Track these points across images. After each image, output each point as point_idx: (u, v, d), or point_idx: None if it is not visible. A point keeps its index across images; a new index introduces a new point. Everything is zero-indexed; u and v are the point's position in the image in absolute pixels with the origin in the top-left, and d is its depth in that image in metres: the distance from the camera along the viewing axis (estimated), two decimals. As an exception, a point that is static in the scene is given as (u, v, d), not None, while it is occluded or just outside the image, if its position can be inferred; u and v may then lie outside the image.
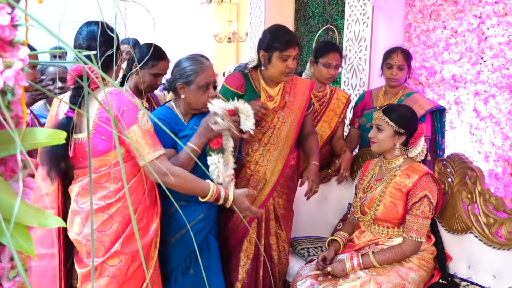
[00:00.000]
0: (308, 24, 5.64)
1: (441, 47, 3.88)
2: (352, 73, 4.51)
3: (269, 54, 2.73)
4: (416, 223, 2.47)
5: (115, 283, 2.10)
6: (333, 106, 3.33)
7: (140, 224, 2.15)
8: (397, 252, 2.47)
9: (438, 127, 3.26)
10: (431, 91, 3.96)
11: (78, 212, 2.11)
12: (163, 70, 2.88)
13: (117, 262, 2.09)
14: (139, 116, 2.01)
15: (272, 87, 2.87)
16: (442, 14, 3.85)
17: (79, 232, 2.10)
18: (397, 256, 2.47)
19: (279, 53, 2.70)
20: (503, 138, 3.45)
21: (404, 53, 3.28)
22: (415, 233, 2.47)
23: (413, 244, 2.47)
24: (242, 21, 7.30)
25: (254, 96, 2.82)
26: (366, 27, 4.32)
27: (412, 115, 2.60)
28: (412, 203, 2.48)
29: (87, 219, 2.09)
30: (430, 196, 2.48)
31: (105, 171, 2.06)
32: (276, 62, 2.72)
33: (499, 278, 2.47)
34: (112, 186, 2.07)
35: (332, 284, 2.40)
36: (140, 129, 2.00)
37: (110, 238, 2.08)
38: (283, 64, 2.71)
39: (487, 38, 3.54)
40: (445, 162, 2.80)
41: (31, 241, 0.66)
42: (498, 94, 3.47)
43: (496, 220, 2.54)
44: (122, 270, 2.10)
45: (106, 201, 2.07)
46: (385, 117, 2.54)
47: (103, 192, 2.07)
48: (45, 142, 0.66)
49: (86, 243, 2.09)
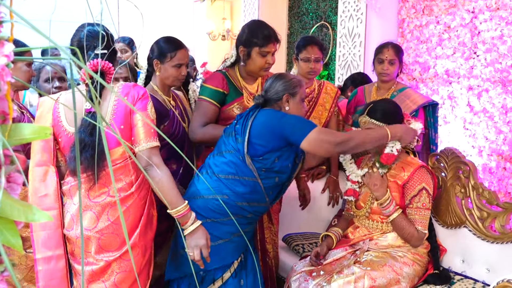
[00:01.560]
0: (301, 21, 5.64)
1: (434, 42, 3.89)
2: (346, 69, 4.51)
3: (249, 50, 2.73)
4: (418, 215, 2.49)
5: (131, 277, 2.12)
6: (322, 101, 3.30)
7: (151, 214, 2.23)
8: (411, 228, 2.48)
9: (431, 122, 3.26)
10: (424, 86, 3.97)
11: (90, 206, 2.12)
12: (183, 59, 2.73)
13: (135, 255, 2.14)
14: (148, 106, 2.15)
15: (251, 83, 2.87)
16: (435, 9, 3.86)
17: (91, 228, 2.10)
18: (408, 231, 2.48)
19: (259, 49, 2.70)
20: (497, 133, 3.47)
21: (395, 47, 3.28)
22: (420, 225, 2.49)
23: (421, 235, 2.50)
24: (236, 18, 7.31)
25: (237, 94, 2.82)
26: (359, 23, 4.33)
27: (394, 106, 2.61)
28: (411, 197, 2.49)
29: (102, 213, 2.10)
30: (428, 188, 2.49)
31: (121, 163, 2.11)
32: (256, 58, 2.73)
33: (493, 271, 2.49)
34: (126, 179, 2.13)
35: (326, 279, 2.40)
36: (148, 117, 2.12)
37: (127, 230, 2.12)
38: (263, 60, 2.72)
39: (480, 33, 3.55)
40: (438, 156, 2.81)
41: (18, 236, 0.66)
42: (491, 89, 3.49)
43: (489, 214, 2.56)
44: (138, 263, 2.15)
45: (122, 193, 2.11)
46: (372, 119, 2.53)
47: (119, 185, 2.12)
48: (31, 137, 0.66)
49: (101, 238, 2.10)
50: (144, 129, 2.09)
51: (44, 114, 2.19)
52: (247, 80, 2.87)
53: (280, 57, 5.74)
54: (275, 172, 2.37)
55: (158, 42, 2.73)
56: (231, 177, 2.33)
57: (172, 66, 2.67)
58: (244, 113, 2.49)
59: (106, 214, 2.11)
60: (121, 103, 2.11)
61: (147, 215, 2.19)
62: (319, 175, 3.36)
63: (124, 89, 2.15)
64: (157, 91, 2.70)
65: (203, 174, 2.40)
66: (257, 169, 2.33)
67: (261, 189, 2.36)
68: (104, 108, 2.12)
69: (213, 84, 2.80)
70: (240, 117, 2.47)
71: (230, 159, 2.36)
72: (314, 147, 2.27)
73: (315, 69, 3.17)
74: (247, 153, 2.32)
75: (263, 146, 2.32)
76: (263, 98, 2.44)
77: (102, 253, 2.11)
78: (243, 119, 2.42)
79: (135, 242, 2.13)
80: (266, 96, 2.44)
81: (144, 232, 2.17)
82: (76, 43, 2.12)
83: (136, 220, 2.15)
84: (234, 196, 2.32)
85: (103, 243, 2.11)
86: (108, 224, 2.10)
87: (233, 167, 2.34)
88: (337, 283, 2.34)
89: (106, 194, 2.11)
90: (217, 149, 2.46)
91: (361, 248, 2.58)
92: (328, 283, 2.36)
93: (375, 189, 2.54)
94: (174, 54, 2.66)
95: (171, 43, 2.71)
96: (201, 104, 2.79)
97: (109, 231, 2.10)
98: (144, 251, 2.18)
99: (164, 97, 2.72)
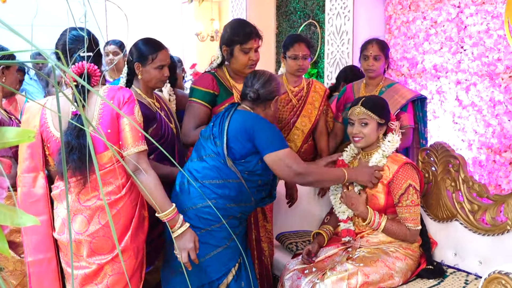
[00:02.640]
0: (289, 20, 5.65)
1: (421, 38, 3.90)
2: (335, 67, 4.52)
3: (231, 48, 2.76)
4: (409, 212, 2.50)
5: (124, 279, 2.13)
6: (311, 99, 3.29)
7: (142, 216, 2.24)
8: (401, 230, 2.51)
9: (420, 116, 3.28)
10: (413, 82, 3.99)
11: (81, 210, 2.11)
12: (165, 60, 2.68)
13: (127, 258, 2.14)
14: (135, 110, 2.15)
15: (240, 82, 2.83)
16: (421, 5, 3.88)
17: (83, 231, 2.10)
18: (400, 234, 2.51)
19: (240, 46, 2.73)
20: (486, 126, 3.49)
21: (379, 43, 3.30)
22: (412, 223, 2.50)
23: (414, 233, 2.53)
24: (224, 19, 7.30)
25: (227, 94, 2.82)
26: (347, 21, 4.34)
27: (385, 103, 2.64)
28: (399, 196, 2.49)
29: (93, 217, 2.10)
30: (414, 184, 2.50)
31: (110, 167, 2.10)
32: (238, 55, 2.76)
33: (485, 263, 2.50)
34: (116, 182, 2.12)
35: (318, 276, 2.40)
36: (135, 121, 2.12)
37: (117, 234, 2.12)
38: (245, 57, 2.75)
39: (466, 27, 3.57)
40: (428, 151, 2.83)
41: (4, 240, 0.66)
42: (479, 82, 3.51)
43: (480, 206, 2.57)
44: (130, 265, 2.15)
45: (112, 196, 2.10)
46: (368, 111, 2.53)
47: (109, 188, 2.11)
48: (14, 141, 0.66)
49: (92, 241, 2.10)
50: (132, 133, 2.09)
51: (30, 119, 2.17)
52: (236, 79, 2.87)
53: (269, 56, 5.74)
54: (258, 175, 2.39)
55: (137, 45, 2.65)
56: (216, 182, 2.34)
57: (154, 68, 2.59)
58: (219, 113, 2.48)
59: (97, 218, 2.10)
60: (107, 106, 2.10)
61: (138, 217, 2.19)
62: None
63: (110, 93, 2.14)
64: (140, 94, 2.63)
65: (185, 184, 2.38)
66: (240, 171, 2.34)
67: (246, 190, 2.37)
68: (90, 111, 2.11)
69: (203, 86, 2.80)
70: (216, 118, 2.47)
71: (213, 164, 2.36)
72: (275, 165, 2.33)
73: (303, 66, 3.17)
74: (228, 156, 2.33)
75: (240, 149, 2.34)
76: (257, 94, 2.44)
77: (94, 256, 2.11)
78: (219, 120, 2.42)
79: (126, 245, 2.13)
80: (260, 92, 2.44)
81: (135, 234, 2.17)
82: (60, 46, 2.12)
83: (127, 222, 2.15)
84: (221, 199, 2.33)
85: (95, 247, 2.10)
86: (99, 227, 2.10)
87: (216, 171, 2.34)
88: (330, 280, 2.35)
89: (97, 197, 2.10)
90: (196, 154, 2.44)
91: (352, 245, 2.59)
92: (321, 280, 2.36)
93: (354, 208, 2.57)
94: (155, 55, 2.58)
95: (151, 44, 2.64)
96: (192, 106, 2.79)
97: (101, 235, 2.10)
98: (136, 253, 2.18)
99: (148, 100, 2.66)
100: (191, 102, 2.79)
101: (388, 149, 2.56)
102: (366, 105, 2.54)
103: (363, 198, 2.55)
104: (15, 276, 2.41)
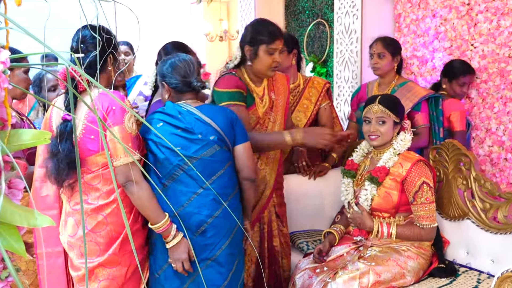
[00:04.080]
0: (298, 19, 5.65)
1: (431, 36, 3.88)
2: (344, 66, 4.52)
3: (255, 48, 2.62)
4: (424, 210, 2.48)
5: (114, 286, 2.10)
6: (308, 95, 3.28)
7: (135, 225, 2.15)
8: (415, 232, 2.50)
9: (435, 116, 3.24)
10: (423, 80, 3.97)
11: (71, 213, 2.11)
12: None
13: (116, 265, 2.09)
14: (125, 118, 2.02)
15: (258, 85, 2.75)
16: (430, 3, 3.86)
17: (73, 234, 2.10)
18: (414, 236, 2.50)
19: (266, 47, 2.59)
20: (497, 123, 3.47)
21: (384, 41, 3.31)
22: (427, 220, 2.48)
23: (429, 231, 2.50)
24: (233, 19, 7.31)
25: (251, 99, 2.70)
26: (356, 19, 4.33)
27: (400, 102, 2.64)
28: (414, 193, 2.48)
29: (81, 221, 2.08)
30: (428, 181, 2.49)
31: (96, 172, 2.05)
32: (263, 56, 2.61)
33: (497, 262, 2.49)
34: (104, 187, 2.06)
35: (330, 275, 2.40)
36: (124, 131, 2.01)
37: (105, 240, 2.07)
38: (270, 58, 2.61)
39: (476, 25, 3.55)
40: (439, 149, 2.82)
41: (21, 241, 0.67)
42: (490, 80, 3.48)
43: (492, 205, 2.56)
44: (121, 272, 2.10)
45: (99, 202, 2.06)
46: (385, 109, 2.53)
47: (96, 194, 2.06)
48: (30, 143, 0.67)
49: (81, 245, 2.08)
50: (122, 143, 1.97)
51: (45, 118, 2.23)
52: (254, 82, 2.74)
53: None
54: None
55: (164, 48, 2.72)
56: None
57: None
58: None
59: (85, 222, 2.08)
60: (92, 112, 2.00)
61: (130, 226, 2.12)
62: (321, 172, 3.35)
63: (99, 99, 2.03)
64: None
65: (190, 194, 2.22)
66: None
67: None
68: (78, 116, 2.05)
69: (229, 86, 2.63)
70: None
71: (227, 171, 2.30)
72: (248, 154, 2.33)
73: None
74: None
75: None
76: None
77: (83, 259, 2.09)
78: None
79: (114, 253, 2.07)
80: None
81: (126, 243, 2.09)
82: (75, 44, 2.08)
83: (117, 230, 2.08)
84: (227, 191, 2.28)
85: (82, 250, 2.07)
86: (86, 232, 2.06)
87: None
88: (342, 279, 2.34)
89: (85, 202, 2.07)
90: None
91: (364, 244, 2.59)
92: (333, 279, 2.36)
93: (362, 226, 2.58)
94: None
95: (175, 49, 2.68)
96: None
97: (88, 239, 2.07)
98: (127, 263, 2.11)
99: None
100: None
101: (400, 147, 2.55)
102: (383, 103, 2.53)
103: (365, 214, 2.56)
104: (28, 276, 2.46)
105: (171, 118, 2.24)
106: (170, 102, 2.31)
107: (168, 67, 2.30)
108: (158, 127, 2.23)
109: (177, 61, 2.31)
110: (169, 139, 2.19)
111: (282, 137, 2.48)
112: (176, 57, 2.33)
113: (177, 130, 2.21)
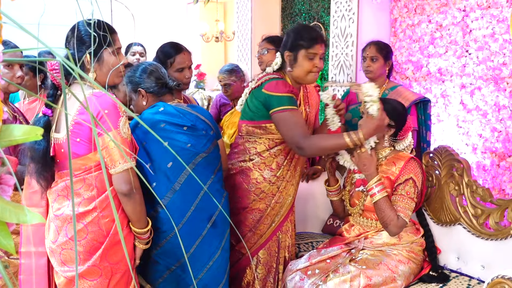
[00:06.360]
0: (295, 21, 5.65)
1: (426, 41, 3.90)
2: (339, 69, 4.52)
3: (295, 54, 2.55)
4: (401, 201, 2.44)
5: None
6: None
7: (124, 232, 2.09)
8: (392, 214, 2.39)
9: (422, 119, 3.28)
10: (418, 85, 3.98)
11: (53, 219, 2.01)
12: (184, 62, 2.72)
13: (97, 277, 2.00)
14: (120, 123, 1.93)
15: (298, 92, 2.66)
16: (426, 8, 3.87)
17: (54, 240, 2.01)
18: (388, 217, 2.40)
19: (306, 51, 2.52)
20: (490, 130, 3.48)
21: (377, 45, 3.33)
22: (402, 213, 2.41)
23: (401, 223, 2.41)
24: (229, 20, 7.31)
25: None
26: (352, 23, 4.33)
27: (402, 109, 2.62)
28: (397, 185, 2.49)
29: (62, 227, 1.98)
30: (415, 179, 2.49)
31: (80, 176, 1.97)
32: (303, 61, 2.53)
33: (488, 268, 2.49)
34: (86, 193, 1.97)
35: (321, 278, 2.40)
36: (119, 136, 1.92)
37: (85, 249, 1.97)
38: (310, 63, 2.53)
39: (471, 31, 3.56)
40: (432, 154, 2.82)
41: (10, 238, 0.66)
42: (484, 86, 3.50)
43: (483, 211, 2.57)
44: (103, 284, 2.01)
45: (79, 209, 1.96)
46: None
47: (77, 199, 1.96)
48: (21, 139, 0.66)
49: (61, 252, 1.99)
50: (118, 150, 1.91)
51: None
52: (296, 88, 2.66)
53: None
54: None
55: (159, 50, 2.79)
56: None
57: (174, 72, 2.71)
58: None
59: (65, 230, 1.98)
60: (84, 114, 1.91)
61: (114, 236, 2.01)
62: (314, 175, 3.36)
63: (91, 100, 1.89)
64: None
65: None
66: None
67: None
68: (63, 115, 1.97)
69: (287, 91, 2.51)
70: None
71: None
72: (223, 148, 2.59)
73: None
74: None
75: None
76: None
77: (63, 267, 2.01)
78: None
79: (95, 264, 1.98)
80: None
81: (108, 254, 2.00)
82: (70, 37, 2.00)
83: (98, 239, 1.98)
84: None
85: (64, 258, 2.00)
86: (66, 239, 1.98)
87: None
88: (333, 282, 2.35)
89: (66, 207, 1.98)
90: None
91: (356, 246, 2.59)
92: (324, 282, 2.36)
93: (365, 169, 2.49)
94: (173, 60, 2.72)
95: (169, 48, 2.77)
96: (283, 116, 2.48)
97: (68, 247, 1.98)
98: (109, 275, 2.02)
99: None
100: (283, 111, 2.48)
101: (400, 145, 2.58)
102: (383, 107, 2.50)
103: (375, 160, 2.52)
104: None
105: (173, 117, 2.29)
106: (162, 103, 2.34)
107: (141, 73, 2.38)
108: (162, 127, 2.28)
109: (147, 66, 2.40)
110: (177, 138, 2.27)
111: (343, 141, 2.36)
112: (142, 64, 2.42)
113: (183, 128, 2.30)
